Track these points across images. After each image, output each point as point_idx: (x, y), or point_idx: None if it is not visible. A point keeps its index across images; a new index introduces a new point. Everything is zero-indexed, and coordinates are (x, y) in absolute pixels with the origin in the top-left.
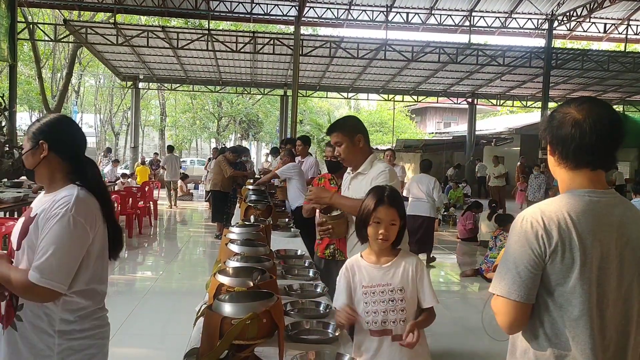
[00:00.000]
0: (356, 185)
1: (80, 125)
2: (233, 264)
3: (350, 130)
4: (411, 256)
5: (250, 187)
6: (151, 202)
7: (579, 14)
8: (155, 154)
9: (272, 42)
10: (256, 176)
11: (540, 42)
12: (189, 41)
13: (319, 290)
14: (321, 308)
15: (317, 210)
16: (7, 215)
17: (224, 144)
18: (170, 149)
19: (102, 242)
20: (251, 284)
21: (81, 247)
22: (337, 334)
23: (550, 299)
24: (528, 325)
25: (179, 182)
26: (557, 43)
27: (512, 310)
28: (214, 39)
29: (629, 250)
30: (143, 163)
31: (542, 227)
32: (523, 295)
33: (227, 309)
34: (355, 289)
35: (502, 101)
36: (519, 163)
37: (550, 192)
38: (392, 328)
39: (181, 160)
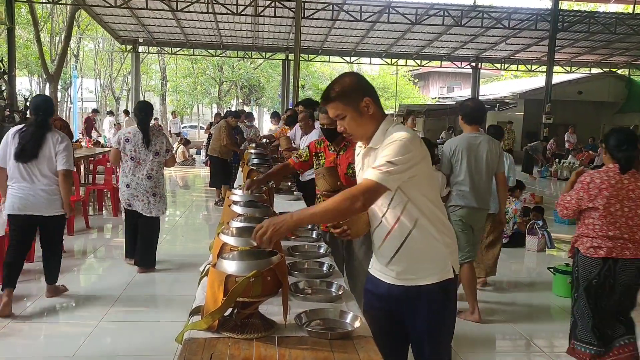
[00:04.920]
0: (370, 164)
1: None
2: (236, 224)
3: (353, 95)
4: None
5: (253, 150)
6: None
7: None
8: (156, 119)
9: (273, 4)
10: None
11: (547, 4)
12: (189, 3)
13: (322, 251)
14: (324, 268)
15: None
16: None
17: (229, 108)
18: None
19: None
20: (255, 243)
21: None
22: (340, 292)
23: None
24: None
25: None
26: (564, 5)
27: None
28: (214, 1)
29: (479, 156)
30: None
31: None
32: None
33: (231, 266)
34: None
35: (506, 65)
36: None
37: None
38: None
39: (182, 125)
